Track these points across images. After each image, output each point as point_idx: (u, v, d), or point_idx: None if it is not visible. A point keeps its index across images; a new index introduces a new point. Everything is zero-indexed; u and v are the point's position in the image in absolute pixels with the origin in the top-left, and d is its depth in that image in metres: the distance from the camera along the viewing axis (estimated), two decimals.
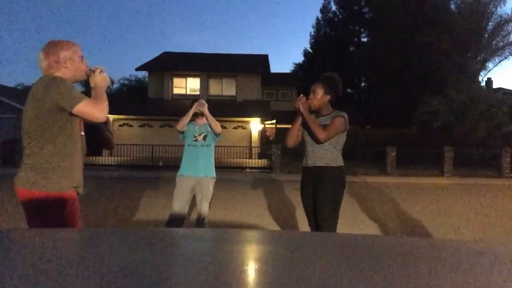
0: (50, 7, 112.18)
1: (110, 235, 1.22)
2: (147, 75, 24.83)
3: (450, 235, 5.21)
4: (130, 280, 0.74)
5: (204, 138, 4.12)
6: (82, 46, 2.28)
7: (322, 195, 2.97)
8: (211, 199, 4.12)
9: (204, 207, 4.01)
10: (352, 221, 5.99)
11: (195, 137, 4.12)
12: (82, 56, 2.25)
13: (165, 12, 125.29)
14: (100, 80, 2.33)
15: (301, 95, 3.09)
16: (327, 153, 3.01)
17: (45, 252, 0.95)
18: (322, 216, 2.97)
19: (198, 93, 22.53)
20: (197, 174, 4.01)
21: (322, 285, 0.72)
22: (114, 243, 1.10)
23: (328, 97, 3.07)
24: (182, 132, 4.13)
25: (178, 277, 0.77)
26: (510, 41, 19.43)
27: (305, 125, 3.07)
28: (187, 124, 4.10)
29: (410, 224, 5.89)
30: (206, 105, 4.12)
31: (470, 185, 11.92)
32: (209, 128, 4.15)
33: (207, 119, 4.08)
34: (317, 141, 2.97)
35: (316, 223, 3.05)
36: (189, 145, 4.12)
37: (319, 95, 3.05)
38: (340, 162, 3.06)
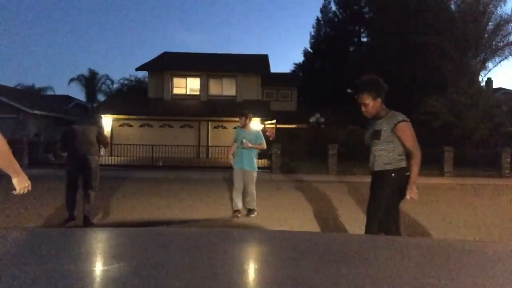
0: (49, 7, 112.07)
1: (110, 235, 1.22)
2: (147, 75, 24.81)
3: (450, 235, 5.21)
4: (131, 278, 0.75)
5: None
6: (82, 46, 2.18)
7: (373, 198, 3.08)
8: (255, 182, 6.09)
9: (250, 188, 6.02)
10: (353, 221, 5.99)
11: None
12: None
13: (165, 12, 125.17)
14: (18, 183, 2.32)
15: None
16: (387, 158, 3.06)
17: (47, 251, 0.95)
18: (368, 219, 3.09)
19: (198, 93, 22.52)
20: (242, 167, 6.00)
21: (322, 285, 0.72)
22: (114, 243, 1.10)
23: (379, 100, 3.04)
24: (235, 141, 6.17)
25: (178, 277, 0.77)
26: (510, 41, 19.38)
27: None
28: (238, 130, 6.16)
29: (410, 224, 5.89)
30: (248, 143, 5.86)
31: (470, 185, 11.91)
32: (253, 136, 5.94)
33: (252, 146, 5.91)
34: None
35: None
36: (238, 147, 6.02)
37: (371, 104, 3.03)
38: (399, 164, 3.06)
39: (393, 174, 3.00)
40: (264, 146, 6.22)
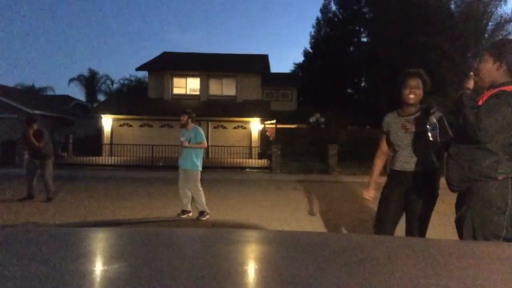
0: (50, 8, 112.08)
1: (110, 235, 1.22)
2: (147, 75, 24.81)
3: (450, 235, 5.21)
4: (131, 278, 0.75)
5: (188, 142, 5.95)
6: (82, 46, 2.10)
7: (423, 200, 2.92)
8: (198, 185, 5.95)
9: (192, 188, 5.91)
10: (353, 221, 6.00)
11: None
12: None
13: (165, 12, 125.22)
14: None
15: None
16: (426, 157, 2.93)
17: (47, 250, 0.95)
18: (422, 223, 2.95)
19: (198, 93, 22.51)
20: (183, 167, 5.98)
21: (322, 285, 0.72)
22: (114, 243, 1.10)
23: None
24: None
25: (178, 277, 0.77)
26: None
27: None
28: (181, 130, 6.16)
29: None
30: (186, 141, 5.90)
31: None
32: (192, 134, 5.91)
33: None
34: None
35: (410, 228, 2.99)
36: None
37: (419, 91, 2.99)
38: (435, 163, 2.96)
39: (434, 175, 2.93)
40: (204, 145, 6.06)
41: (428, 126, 2.61)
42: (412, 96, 2.97)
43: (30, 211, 6.40)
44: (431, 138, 2.60)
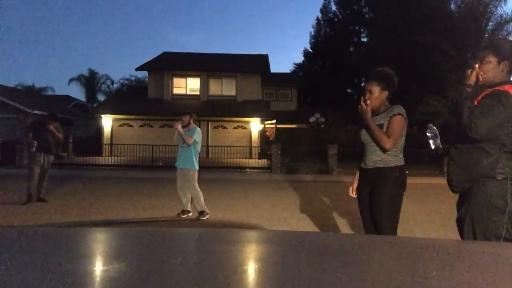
0: (49, 8, 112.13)
1: (110, 235, 1.22)
2: (147, 75, 24.82)
3: (450, 235, 5.21)
4: (131, 278, 0.75)
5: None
6: (82, 46, 2.07)
7: (380, 198, 2.81)
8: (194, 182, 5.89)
9: (190, 188, 5.89)
10: (352, 220, 6.00)
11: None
12: None
13: (165, 12, 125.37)
14: None
15: (365, 100, 2.83)
16: (387, 154, 2.83)
17: (47, 250, 0.95)
18: (380, 221, 2.82)
19: (198, 93, 22.51)
20: (180, 166, 5.96)
21: (322, 285, 0.72)
22: (114, 243, 1.10)
23: (386, 93, 2.89)
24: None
25: (178, 277, 0.77)
26: None
27: (366, 127, 2.88)
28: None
29: (410, 224, 5.89)
30: (177, 125, 5.83)
31: None
32: (190, 133, 5.84)
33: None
34: (384, 150, 2.81)
35: (375, 227, 2.88)
36: (179, 147, 6.08)
37: (376, 93, 2.87)
38: (399, 161, 2.87)
39: (397, 173, 2.83)
40: (188, 141, 5.77)
41: (428, 134, 2.58)
42: (366, 99, 2.91)
43: (29, 211, 6.40)
44: (432, 146, 2.58)
